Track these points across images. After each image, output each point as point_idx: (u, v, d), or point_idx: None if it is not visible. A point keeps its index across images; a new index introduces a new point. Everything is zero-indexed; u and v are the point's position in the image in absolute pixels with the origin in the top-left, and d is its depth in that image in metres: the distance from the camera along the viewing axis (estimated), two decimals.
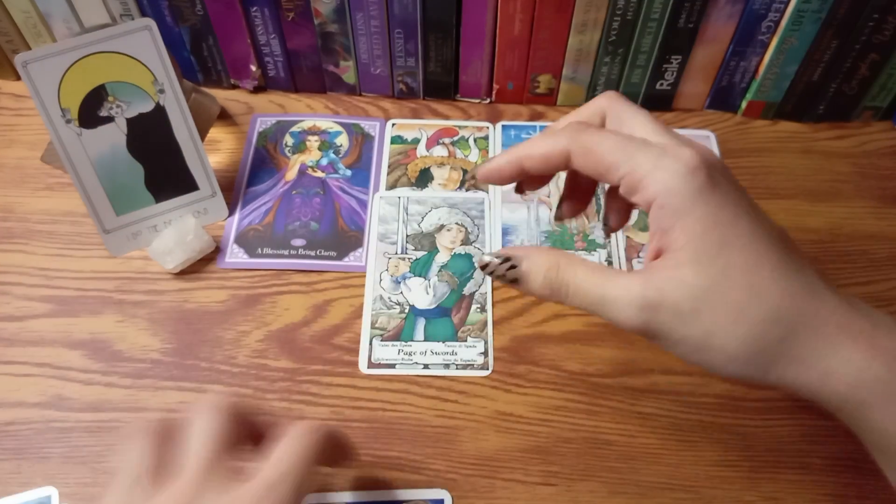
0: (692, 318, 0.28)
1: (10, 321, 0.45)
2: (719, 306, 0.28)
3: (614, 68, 0.53)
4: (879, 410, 0.28)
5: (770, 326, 0.28)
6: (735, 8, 0.49)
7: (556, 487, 0.39)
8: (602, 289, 0.30)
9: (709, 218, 0.28)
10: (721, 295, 0.28)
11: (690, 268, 0.28)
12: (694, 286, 0.28)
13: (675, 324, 0.29)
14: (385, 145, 0.54)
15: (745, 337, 0.28)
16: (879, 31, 0.48)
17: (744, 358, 0.28)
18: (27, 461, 0.40)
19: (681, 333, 0.29)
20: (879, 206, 0.51)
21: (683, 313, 0.28)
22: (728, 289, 0.28)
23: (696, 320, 0.28)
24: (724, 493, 0.39)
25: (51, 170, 0.51)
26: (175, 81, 0.44)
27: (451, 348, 0.44)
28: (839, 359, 0.28)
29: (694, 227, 0.28)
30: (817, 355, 0.28)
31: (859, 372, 0.27)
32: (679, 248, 0.28)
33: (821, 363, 0.28)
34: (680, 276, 0.28)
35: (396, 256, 0.48)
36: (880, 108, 0.54)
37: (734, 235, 0.28)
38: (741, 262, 0.28)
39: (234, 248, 0.48)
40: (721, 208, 0.29)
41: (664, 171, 0.28)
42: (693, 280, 0.28)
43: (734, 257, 0.28)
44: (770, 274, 0.28)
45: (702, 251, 0.28)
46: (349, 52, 0.54)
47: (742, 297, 0.28)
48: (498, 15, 0.50)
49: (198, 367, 0.43)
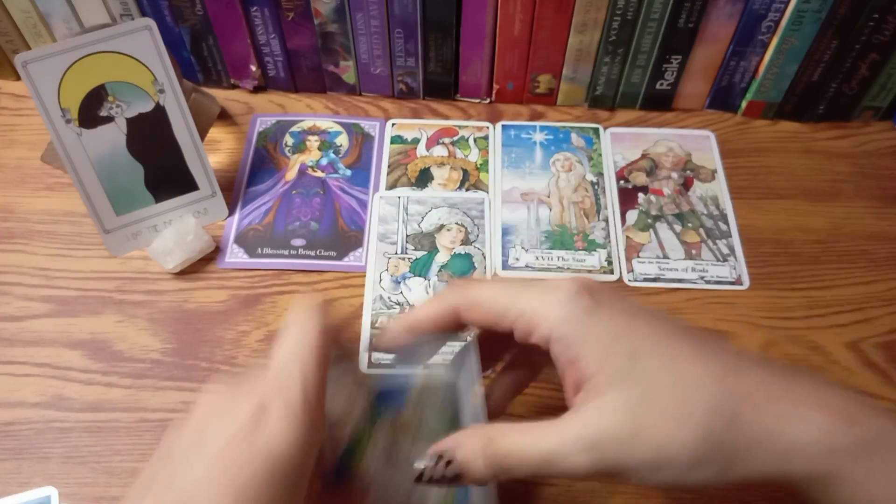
0: (636, 440, 0.27)
1: (11, 321, 0.45)
2: (655, 418, 0.27)
3: (614, 68, 0.53)
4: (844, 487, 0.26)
5: (712, 418, 0.27)
6: (735, 8, 0.49)
7: (556, 487, 0.39)
8: (540, 446, 0.28)
9: (607, 334, 0.28)
10: (651, 406, 0.27)
11: (612, 391, 0.27)
12: (623, 408, 0.27)
13: (623, 452, 0.27)
14: (385, 145, 0.54)
15: (692, 438, 0.27)
16: (879, 31, 0.48)
17: (702, 461, 0.27)
18: (27, 461, 0.40)
19: (633, 459, 0.27)
20: (879, 206, 0.51)
21: (625, 439, 0.27)
22: (655, 397, 0.27)
23: (640, 441, 0.27)
24: (725, 493, 0.39)
25: (51, 170, 0.51)
26: (175, 81, 0.44)
27: (451, 348, 0.44)
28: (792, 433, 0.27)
29: (597, 348, 0.28)
30: (769, 437, 0.27)
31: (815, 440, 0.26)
32: (592, 375, 0.28)
33: (777, 443, 0.27)
34: (606, 404, 0.27)
35: (396, 256, 0.48)
36: (880, 108, 0.54)
37: (639, 340, 0.28)
38: (658, 365, 0.28)
39: (234, 248, 0.48)
40: (615, 320, 0.28)
41: (550, 305, 0.29)
42: (620, 403, 0.27)
43: (648, 362, 0.28)
44: (690, 366, 0.28)
45: (614, 369, 0.28)
46: (349, 51, 0.54)
47: (672, 399, 0.27)
48: (498, 15, 0.50)
49: (198, 367, 0.43)
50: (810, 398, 0.27)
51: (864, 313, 0.45)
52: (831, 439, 0.26)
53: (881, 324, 0.45)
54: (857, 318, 0.45)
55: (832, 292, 0.46)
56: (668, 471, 0.27)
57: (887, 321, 0.45)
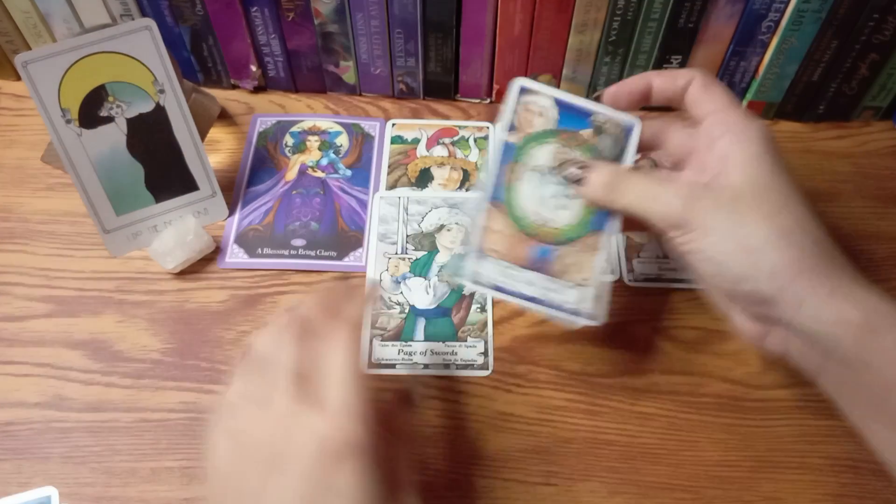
0: (730, 209, 0.33)
1: (11, 321, 0.45)
2: (758, 203, 0.33)
3: (614, 68, 0.53)
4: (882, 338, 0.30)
5: (798, 230, 0.32)
6: (735, 8, 0.49)
7: (556, 487, 0.39)
8: (658, 185, 0.35)
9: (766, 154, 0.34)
10: (762, 197, 0.33)
11: (740, 174, 0.33)
12: (739, 187, 0.33)
13: (713, 213, 0.33)
14: (385, 145, 0.54)
15: (773, 229, 0.32)
16: (879, 31, 0.48)
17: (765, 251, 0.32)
18: (27, 461, 0.40)
19: (715, 221, 0.33)
20: (879, 206, 0.51)
21: (723, 204, 0.33)
22: (769, 194, 0.33)
23: (733, 210, 0.33)
24: (724, 493, 0.39)
25: (51, 170, 0.51)
26: (175, 81, 0.44)
27: (452, 348, 0.44)
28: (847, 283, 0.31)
29: (754, 151, 0.34)
30: (828, 274, 0.32)
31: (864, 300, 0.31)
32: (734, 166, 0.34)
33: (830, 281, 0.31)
34: (729, 179, 0.34)
35: (396, 256, 0.48)
36: (880, 108, 0.54)
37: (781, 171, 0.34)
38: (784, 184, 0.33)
39: (234, 248, 0.48)
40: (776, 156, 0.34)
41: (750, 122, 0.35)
42: (739, 182, 0.33)
43: (778, 180, 0.33)
44: (804, 211, 0.33)
45: (753, 167, 0.34)
46: (349, 52, 0.54)
47: (780, 203, 0.33)
48: (498, 15, 0.50)
49: (198, 367, 0.43)
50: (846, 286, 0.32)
51: None
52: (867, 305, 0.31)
53: None
54: None
55: None
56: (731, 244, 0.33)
57: None
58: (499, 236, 0.40)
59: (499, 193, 0.40)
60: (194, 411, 0.42)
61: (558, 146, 0.40)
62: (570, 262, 0.39)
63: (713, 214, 0.33)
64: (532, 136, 0.40)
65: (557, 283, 0.39)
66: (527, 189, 0.40)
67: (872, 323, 0.30)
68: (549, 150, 0.40)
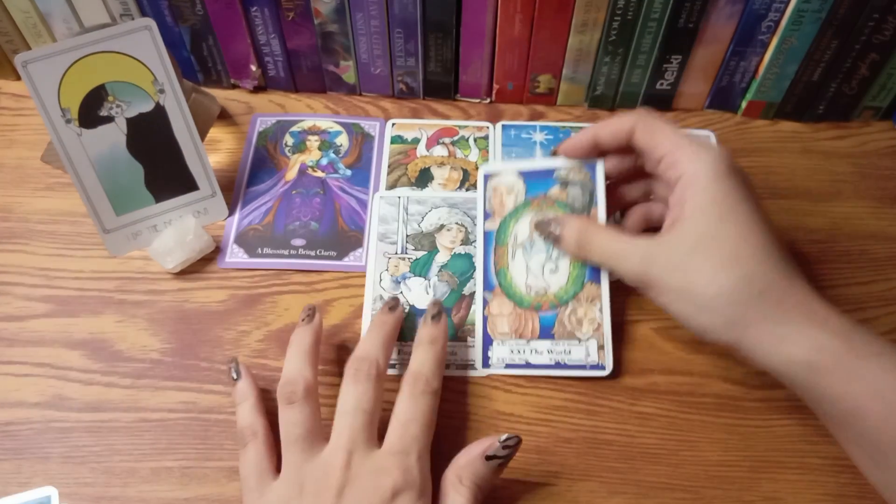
0: (681, 269, 0.35)
1: (11, 321, 0.45)
2: (705, 260, 0.35)
3: (614, 68, 0.53)
4: (823, 376, 0.33)
5: (744, 285, 0.34)
6: (735, 8, 0.49)
7: (556, 487, 0.39)
8: (618, 244, 0.39)
9: (717, 195, 0.36)
10: (709, 252, 0.35)
11: (690, 227, 0.36)
12: (688, 243, 0.36)
13: (667, 272, 0.36)
14: (385, 145, 0.54)
15: (721, 288, 0.34)
16: (879, 31, 0.48)
17: (716, 308, 0.35)
18: (27, 461, 0.40)
19: (669, 281, 0.36)
20: (879, 206, 0.51)
21: (675, 264, 0.36)
22: (716, 249, 0.35)
23: (684, 270, 0.35)
24: (724, 493, 0.39)
25: (51, 170, 0.51)
26: (175, 81, 0.44)
27: (451, 348, 0.44)
28: (793, 327, 0.34)
29: (702, 199, 0.36)
30: (774, 322, 0.34)
31: (810, 340, 0.33)
32: (686, 216, 0.36)
33: (777, 329, 0.34)
34: (679, 234, 0.36)
35: (396, 256, 0.48)
36: (880, 108, 0.54)
37: (733, 213, 0.35)
38: (732, 233, 0.35)
39: (234, 248, 0.48)
40: (728, 193, 0.36)
41: (699, 160, 0.37)
42: (688, 238, 0.36)
43: (727, 228, 0.35)
44: (753, 249, 0.35)
45: (702, 218, 0.36)
46: (349, 51, 0.54)
47: (726, 256, 0.35)
48: (498, 15, 0.50)
49: (198, 367, 0.43)
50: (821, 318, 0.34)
51: (863, 313, 0.45)
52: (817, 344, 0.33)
53: (881, 324, 0.45)
54: (857, 318, 0.45)
55: (832, 292, 0.46)
56: (686, 301, 0.36)
57: (887, 321, 0.45)
58: (504, 319, 0.43)
59: (492, 281, 0.44)
60: (194, 411, 0.42)
61: (533, 213, 0.44)
62: (573, 320, 0.43)
63: (668, 275, 0.36)
64: (508, 215, 0.45)
65: (564, 343, 0.43)
66: (516, 267, 0.44)
67: (815, 364, 0.33)
68: (527, 222, 0.44)
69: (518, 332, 0.43)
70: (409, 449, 0.35)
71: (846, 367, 0.33)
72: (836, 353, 0.33)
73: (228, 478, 0.39)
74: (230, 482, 0.39)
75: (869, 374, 0.32)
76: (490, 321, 0.44)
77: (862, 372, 0.32)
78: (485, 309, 0.44)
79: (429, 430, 0.37)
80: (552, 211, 0.43)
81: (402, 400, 0.37)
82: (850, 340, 0.33)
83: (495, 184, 0.45)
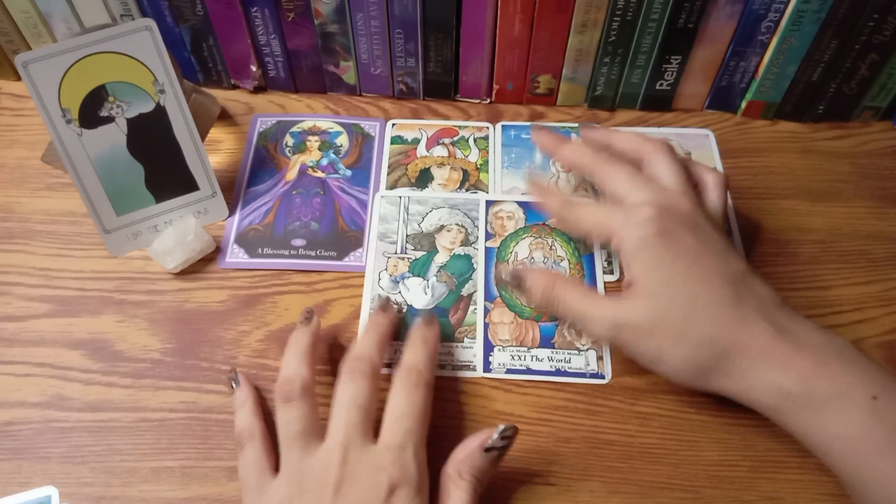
0: (647, 338, 0.37)
1: (11, 321, 0.45)
2: (665, 331, 0.37)
3: (614, 68, 0.53)
4: (791, 418, 0.35)
5: (703, 348, 0.36)
6: (735, 8, 0.49)
7: (556, 487, 0.39)
8: (584, 307, 0.39)
9: (651, 261, 0.38)
10: (666, 322, 0.37)
11: (644, 300, 0.37)
12: (648, 315, 0.37)
13: (635, 340, 0.38)
14: (385, 145, 0.54)
15: (684, 356, 0.37)
16: (879, 31, 0.48)
17: (686, 372, 0.37)
18: (27, 461, 0.40)
19: (639, 348, 0.38)
20: (879, 206, 0.51)
21: (641, 334, 0.37)
22: (671, 318, 0.37)
23: (650, 340, 0.37)
24: (724, 493, 0.39)
25: (51, 170, 0.51)
26: (175, 81, 0.44)
27: (449, 349, 0.44)
28: (758, 376, 0.35)
29: (640, 267, 0.38)
30: (741, 373, 0.36)
31: (773, 388, 0.35)
32: (636, 284, 0.38)
33: (744, 379, 0.36)
34: (639, 306, 0.37)
35: (396, 256, 0.48)
36: (880, 108, 0.55)
37: (675, 274, 0.37)
38: (681, 296, 0.37)
39: (234, 248, 0.48)
40: (662, 254, 0.38)
41: (626, 233, 0.39)
42: (647, 310, 0.37)
43: (675, 292, 0.37)
44: (705, 307, 0.37)
45: (650, 287, 0.37)
46: (349, 52, 0.54)
47: (681, 325, 0.36)
48: (498, 15, 0.50)
49: (198, 367, 0.43)
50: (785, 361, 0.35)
51: (863, 313, 0.46)
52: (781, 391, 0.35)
53: (880, 324, 0.45)
54: (857, 318, 0.45)
55: (831, 292, 0.46)
56: (659, 366, 0.38)
57: (887, 321, 0.45)
58: (505, 327, 0.45)
59: (493, 292, 0.46)
60: (194, 411, 0.42)
61: (533, 238, 0.47)
62: (573, 331, 0.44)
63: (637, 343, 0.38)
64: (508, 236, 0.48)
65: (564, 353, 0.44)
66: None
67: (780, 408, 0.35)
68: (526, 243, 0.47)
69: (519, 339, 0.44)
70: (405, 443, 0.35)
71: (809, 412, 0.35)
72: (798, 401, 0.35)
73: (229, 477, 0.39)
74: (230, 482, 0.39)
75: (828, 419, 0.34)
76: (491, 328, 0.44)
77: (822, 416, 0.34)
78: (486, 316, 0.45)
79: (424, 423, 0.37)
80: (550, 239, 0.47)
81: (396, 394, 0.37)
82: (812, 383, 0.34)
83: (496, 209, 0.49)
